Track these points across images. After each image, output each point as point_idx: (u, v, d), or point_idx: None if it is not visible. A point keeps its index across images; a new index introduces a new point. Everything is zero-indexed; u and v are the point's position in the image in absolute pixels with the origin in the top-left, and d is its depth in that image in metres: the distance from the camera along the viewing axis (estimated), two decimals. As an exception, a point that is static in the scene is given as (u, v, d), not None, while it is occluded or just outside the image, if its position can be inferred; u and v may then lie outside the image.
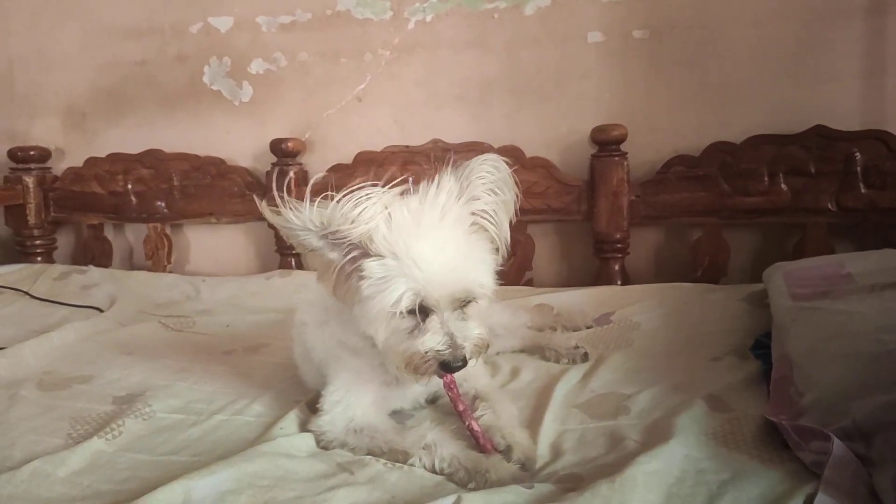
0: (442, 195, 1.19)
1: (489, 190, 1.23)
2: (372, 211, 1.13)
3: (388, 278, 1.14)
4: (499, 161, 1.24)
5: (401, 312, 1.15)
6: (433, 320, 1.16)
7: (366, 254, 1.16)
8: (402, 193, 1.18)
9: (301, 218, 1.14)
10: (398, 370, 1.22)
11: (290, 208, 1.14)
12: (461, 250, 1.18)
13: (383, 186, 1.16)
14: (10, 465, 1.23)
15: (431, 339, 1.16)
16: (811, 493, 1.00)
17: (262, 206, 1.20)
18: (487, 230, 1.24)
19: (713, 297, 1.96)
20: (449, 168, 1.22)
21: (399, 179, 1.18)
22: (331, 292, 1.24)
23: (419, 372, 1.19)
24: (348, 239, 1.15)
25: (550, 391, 1.46)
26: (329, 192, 1.15)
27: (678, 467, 1.10)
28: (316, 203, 1.15)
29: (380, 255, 1.15)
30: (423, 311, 1.16)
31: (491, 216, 1.24)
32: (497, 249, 1.26)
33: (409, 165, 2.45)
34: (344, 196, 1.13)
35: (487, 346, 1.23)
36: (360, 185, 1.14)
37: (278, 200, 1.15)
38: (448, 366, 1.16)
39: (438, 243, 1.15)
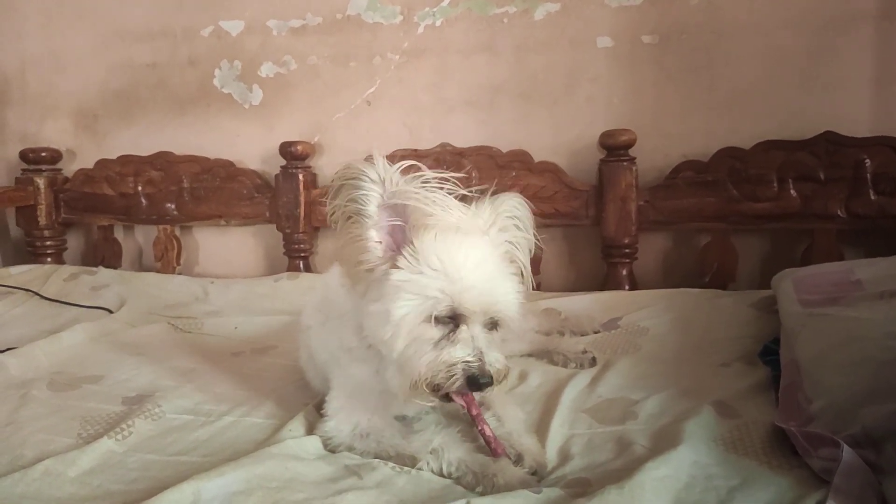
0: (480, 219, 1.20)
1: (516, 225, 1.26)
2: (440, 198, 1.14)
3: (425, 278, 1.12)
4: (523, 200, 1.27)
5: (430, 317, 1.11)
6: (464, 331, 1.12)
7: (407, 242, 1.15)
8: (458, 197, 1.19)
9: (378, 168, 1.14)
10: (408, 387, 1.15)
11: (372, 160, 1.14)
12: (499, 270, 1.19)
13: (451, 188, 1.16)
14: (21, 465, 1.24)
15: (462, 350, 1.11)
16: (820, 500, 1.00)
17: (343, 169, 1.18)
18: (515, 261, 1.25)
19: (721, 303, 1.96)
20: (486, 197, 1.23)
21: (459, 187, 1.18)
22: (350, 277, 1.21)
23: (439, 389, 1.13)
24: (404, 211, 1.14)
25: (558, 396, 1.46)
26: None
27: (687, 473, 1.10)
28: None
29: (419, 253, 1.13)
30: (453, 322, 1.13)
31: (517, 248, 1.26)
32: (521, 281, 1.25)
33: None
34: (420, 175, 1.15)
35: (507, 376, 1.19)
36: (438, 174, 1.15)
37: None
38: (475, 380, 1.11)
39: (479, 258, 1.15)
